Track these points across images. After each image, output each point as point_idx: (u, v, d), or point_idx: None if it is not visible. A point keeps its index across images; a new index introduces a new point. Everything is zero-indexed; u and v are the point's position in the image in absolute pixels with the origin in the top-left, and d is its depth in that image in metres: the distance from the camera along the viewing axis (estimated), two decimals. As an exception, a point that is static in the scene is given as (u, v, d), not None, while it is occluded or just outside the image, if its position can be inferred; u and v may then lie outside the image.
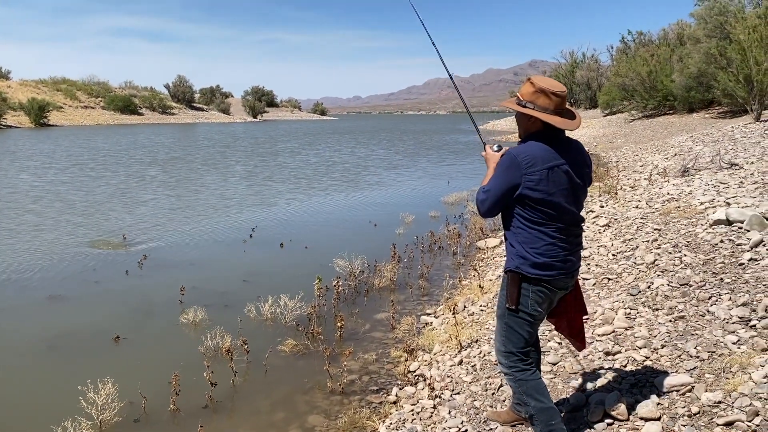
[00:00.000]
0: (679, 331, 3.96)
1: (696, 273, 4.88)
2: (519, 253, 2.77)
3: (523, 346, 2.85)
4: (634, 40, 48.39)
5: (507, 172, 2.71)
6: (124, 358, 5.07)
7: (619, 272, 5.60)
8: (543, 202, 2.68)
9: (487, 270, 6.97)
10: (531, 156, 2.68)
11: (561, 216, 2.73)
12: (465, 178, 17.60)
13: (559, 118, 2.72)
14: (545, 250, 2.73)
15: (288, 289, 6.34)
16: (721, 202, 7.14)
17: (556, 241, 2.74)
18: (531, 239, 2.74)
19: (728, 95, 21.86)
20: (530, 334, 2.87)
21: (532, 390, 2.84)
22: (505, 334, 2.87)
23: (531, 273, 2.74)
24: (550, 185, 2.67)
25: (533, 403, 2.82)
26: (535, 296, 2.78)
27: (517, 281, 2.77)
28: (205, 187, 15.90)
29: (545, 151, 2.70)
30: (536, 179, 2.65)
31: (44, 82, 75.19)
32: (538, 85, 2.74)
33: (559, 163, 2.70)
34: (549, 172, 2.67)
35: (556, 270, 2.76)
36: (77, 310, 6.24)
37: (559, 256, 2.75)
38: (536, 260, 2.73)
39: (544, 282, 2.76)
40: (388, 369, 4.70)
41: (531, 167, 2.66)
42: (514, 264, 2.78)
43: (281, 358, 4.97)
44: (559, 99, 2.72)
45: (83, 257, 8.33)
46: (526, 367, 2.86)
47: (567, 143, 2.81)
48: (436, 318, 5.63)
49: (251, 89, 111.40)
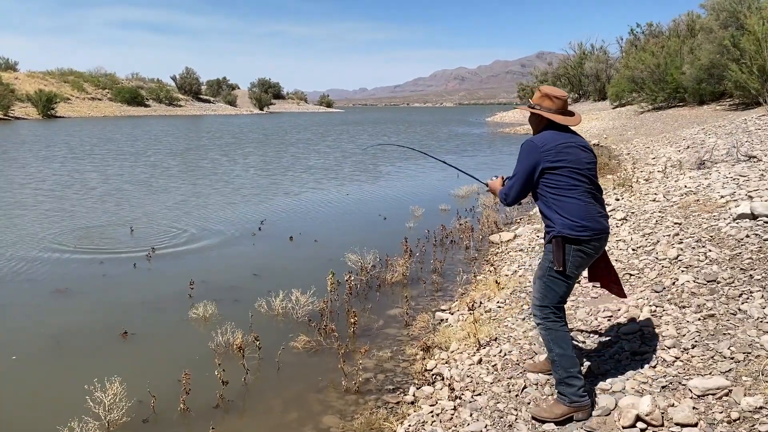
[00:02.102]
0: (710, 330, 3.80)
1: (723, 269, 4.71)
2: (559, 220, 3.20)
3: (557, 302, 3.31)
4: (644, 32, 47.87)
5: (528, 156, 3.27)
6: (132, 354, 4.94)
7: (641, 267, 5.43)
8: (564, 168, 3.19)
9: (503, 265, 6.80)
10: (544, 138, 3.28)
11: (583, 180, 3.22)
12: (475, 171, 17.39)
13: (560, 116, 3.33)
14: (581, 212, 3.18)
15: (299, 283, 6.20)
16: (743, 196, 6.95)
17: (587, 204, 3.22)
18: (566, 206, 3.19)
19: (740, 87, 21.53)
20: (565, 293, 3.32)
21: (559, 339, 3.26)
22: (543, 291, 3.31)
23: (572, 234, 3.17)
24: (566, 155, 3.22)
25: (557, 350, 3.25)
26: (574, 259, 3.22)
27: (561, 244, 3.19)
28: (214, 178, 15.76)
29: (555, 135, 3.29)
30: (553, 152, 3.21)
31: (51, 74, 75.19)
32: (544, 91, 3.41)
33: (569, 141, 3.29)
34: (562, 146, 3.23)
35: (591, 231, 3.20)
36: (84, 305, 6.11)
37: (592, 218, 3.21)
38: (575, 222, 3.17)
39: (583, 242, 3.19)
40: (404, 367, 4.54)
41: (546, 145, 3.23)
42: (557, 230, 3.21)
43: (294, 355, 4.83)
44: (560, 101, 3.36)
45: (91, 249, 8.21)
46: (557, 318, 3.30)
47: (575, 134, 3.40)
48: (452, 314, 5.47)
49: (258, 81, 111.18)
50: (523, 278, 6.00)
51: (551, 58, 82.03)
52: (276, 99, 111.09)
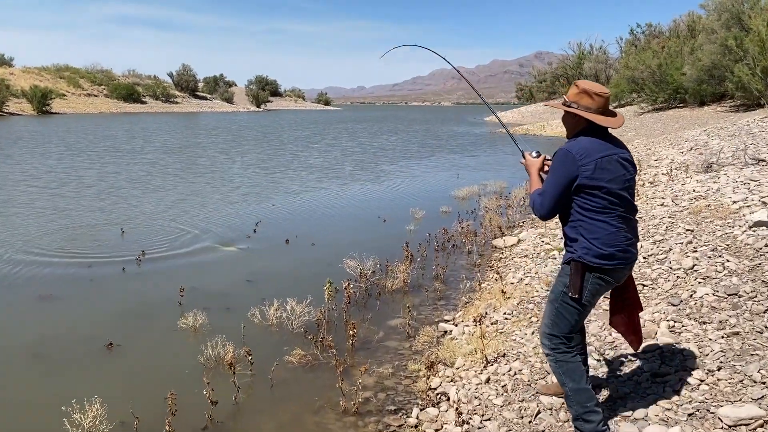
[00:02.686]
0: (735, 350, 3.53)
1: (743, 281, 4.45)
2: (582, 244, 2.86)
3: (568, 331, 2.99)
4: (644, 32, 47.68)
5: (563, 167, 2.85)
6: (116, 368, 4.63)
7: (654, 278, 5.17)
8: (601, 189, 2.80)
9: (507, 272, 6.54)
10: (583, 148, 2.84)
11: (619, 203, 2.85)
12: (475, 171, 17.16)
13: (601, 117, 2.89)
14: (608, 239, 2.83)
15: (294, 290, 5.93)
16: (756, 201, 6.69)
17: (618, 230, 2.85)
18: (593, 229, 2.84)
19: (742, 88, 21.34)
20: (577, 322, 3.00)
21: (571, 371, 2.96)
22: (554, 318, 3.00)
23: (594, 262, 2.83)
24: (605, 173, 2.81)
25: (570, 384, 2.95)
26: (592, 287, 2.89)
27: (581, 271, 2.86)
28: (210, 177, 15.46)
29: (596, 143, 2.86)
30: (592, 168, 2.79)
31: (47, 70, 74.66)
32: (581, 87, 2.95)
33: (611, 153, 2.86)
34: (602, 160, 2.81)
35: (617, 260, 2.85)
36: (68, 313, 5.81)
37: (620, 246, 2.85)
38: (600, 250, 2.82)
39: (605, 272, 2.86)
40: (406, 385, 4.26)
41: (585, 158, 2.80)
42: (577, 254, 2.87)
43: (288, 371, 4.54)
44: (601, 99, 2.91)
45: (79, 252, 7.91)
46: (567, 350, 3.00)
47: (615, 140, 2.97)
48: (456, 326, 5.20)
49: (255, 78, 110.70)
50: (530, 287, 5.73)
51: (550, 58, 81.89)
52: (273, 96, 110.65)
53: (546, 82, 65.40)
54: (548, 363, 3.12)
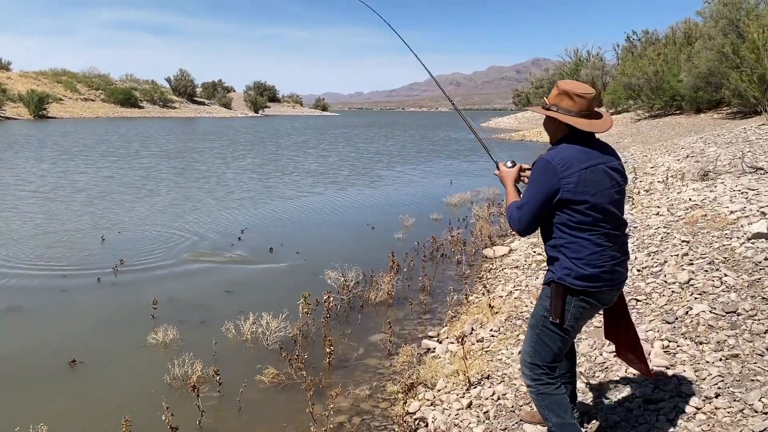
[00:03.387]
0: (735, 374, 3.28)
1: (742, 297, 4.20)
2: (563, 264, 2.60)
3: (551, 360, 2.73)
4: (640, 39, 47.56)
5: (543, 179, 2.57)
6: (75, 389, 4.36)
7: (648, 292, 4.91)
8: (585, 204, 2.53)
9: (496, 284, 6.28)
10: (565, 158, 2.55)
11: (605, 219, 2.57)
12: (468, 177, 16.91)
13: (583, 120, 2.61)
14: (591, 259, 2.56)
15: (274, 302, 5.67)
16: (755, 212, 6.44)
17: (603, 249, 2.58)
18: (575, 248, 2.57)
19: (739, 95, 21.14)
20: (561, 350, 2.73)
21: (555, 405, 2.71)
22: (535, 345, 2.74)
23: (576, 285, 2.57)
24: (590, 185, 2.53)
25: (554, 419, 2.71)
26: (575, 311, 2.62)
27: (561, 294, 2.60)
28: (202, 182, 15.19)
29: (579, 152, 2.57)
30: (575, 180, 2.51)
31: (44, 74, 74.44)
32: (561, 88, 2.67)
33: (596, 162, 2.58)
34: (587, 171, 2.54)
35: (603, 282, 2.59)
36: (35, 326, 5.54)
37: (606, 266, 2.58)
38: (582, 271, 2.56)
39: (589, 295, 2.60)
40: (383, 408, 3.99)
41: (567, 169, 2.52)
42: (558, 275, 2.61)
43: (259, 391, 4.27)
44: (583, 101, 2.61)
45: (54, 260, 7.63)
46: (550, 381, 2.74)
47: (602, 146, 2.68)
48: (440, 343, 4.93)
49: (253, 84, 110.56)
50: (519, 301, 5.47)
51: (547, 65, 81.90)
52: (271, 102, 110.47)
53: (543, 89, 65.23)
54: (530, 395, 2.84)
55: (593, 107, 2.68)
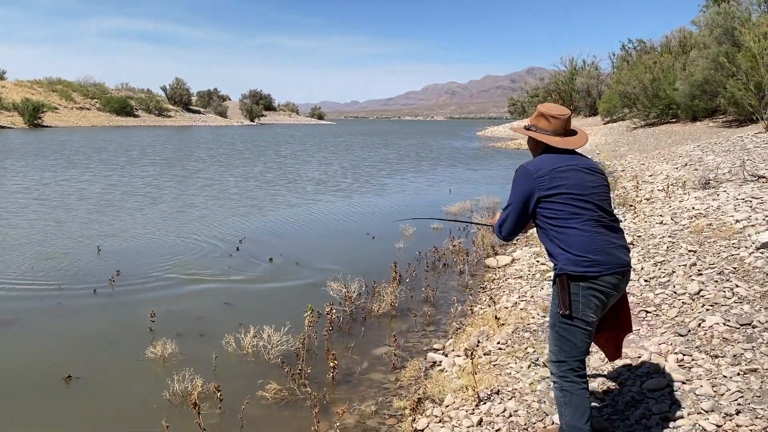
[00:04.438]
0: (754, 390, 3.18)
1: (756, 309, 4.11)
2: (561, 255, 2.75)
3: (576, 355, 2.80)
4: (636, 48, 47.74)
5: (520, 184, 2.85)
6: (70, 405, 4.21)
7: (658, 303, 4.82)
8: (562, 195, 2.75)
9: (501, 295, 6.17)
10: (538, 163, 2.86)
11: (586, 206, 2.76)
12: (467, 186, 16.83)
13: (558, 138, 2.90)
14: (583, 244, 2.71)
15: (275, 314, 5.56)
16: (761, 221, 6.37)
17: (591, 234, 2.73)
18: (567, 238, 2.74)
19: (735, 103, 21.16)
20: (584, 343, 2.79)
21: (575, 405, 2.77)
22: (558, 343, 2.83)
23: (576, 271, 2.70)
24: (564, 179, 2.77)
25: (568, 417, 2.77)
26: (586, 300, 2.72)
27: (565, 283, 2.73)
28: (199, 192, 15.05)
29: (553, 158, 2.86)
30: (548, 178, 2.77)
31: (39, 83, 74.29)
32: (539, 110, 2.97)
33: (569, 164, 2.83)
34: (558, 170, 2.79)
35: (601, 266, 2.70)
36: (29, 340, 5.38)
37: (598, 249, 2.71)
38: (576, 257, 2.70)
39: (592, 280, 2.70)
40: (390, 425, 3.86)
41: (539, 171, 2.80)
42: (559, 267, 2.77)
43: (261, 408, 4.14)
44: (558, 121, 2.91)
45: (49, 272, 7.47)
46: (576, 379, 2.79)
47: (579, 156, 2.93)
48: (446, 356, 4.81)
49: (249, 93, 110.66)
50: (525, 312, 5.36)
51: (542, 74, 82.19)
52: (267, 110, 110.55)
53: (538, 98, 65.37)
54: (553, 391, 2.91)
55: (568, 126, 2.95)
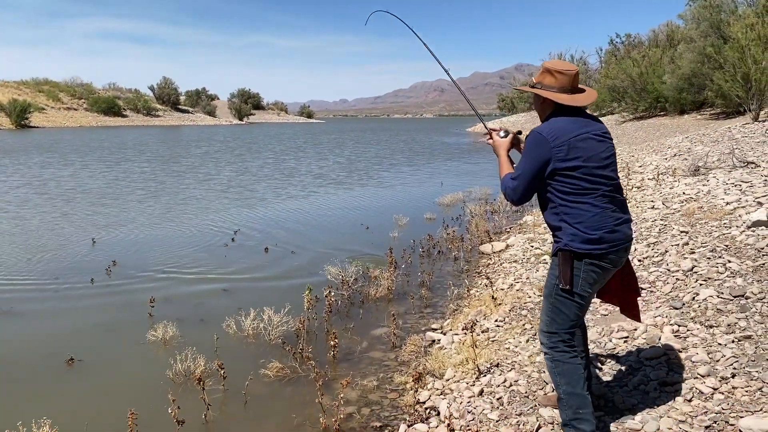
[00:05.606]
0: (749, 354, 3.26)
1: (749, 282, 4.19)
2: (567, 231, 2.66)
3: (567, 327, 2.77)
4: (623, 43, 48.04)
5: (535, 150, 2.68)
6: (75, 386, 4.24)
7: (652, 280, 4.90)
8: (578, 169, 2.62)
9: (497, 278, 6.24)
10: (554, 129, 2.67)
11: (600, 181, 2.65)
12: (459, 179, 16.91)
13: (565, 95, 2.74)
14: (594, 222, 2.62)
15: (273, 299, 5.59)
16: (751, 202, 6.48)
17: (603, 210, 2.64)
18: (575, 213, 2.64)
19: (722, 96, 21.37)
20: (578, 316, 2.78)
21: (568, 373, 2.74)
22: (551, 314, 2.79)
23: (582, 249, 2.62)
24: (580, 151, 2.63)
25: (565, 386, 2.74)
26: (586, 275, 2.67)
27: (569, 260, 2.66)
28: (187, 188, 15.04)
29: (568, 123, 2.69)
30: (565, 149, 2.62)
31: (26, 83, 73.65)
32: (544, 66, 2.83)
33: (585, 131, 2.68)
34: (576, 140, 2.64)
35: (607, 243, 2.64)
36: (29, 327, 5.39)
37: (608, 226, 2.64)
38: (586, 235, 2.62)
39: (596, 257, 2.64)
40: (392, 399, 3.92)
41: (556, 139, 2.63)
42: (563, 242, 2.67)
43: (264, 385, 4.19)
44: (564, 77, 2.75)
45: (46, 264, 7.47)
46: (567, 349, 2.77)
47: (590, 117, 2.79)
48: (444, 335, 4.87)
49: (237, 92, 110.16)
50: (522, 293, 5.44)
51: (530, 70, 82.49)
52: (256, 109, 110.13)
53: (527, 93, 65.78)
54: (545, 362, 2.89)
55: (576, 83, 2.79)
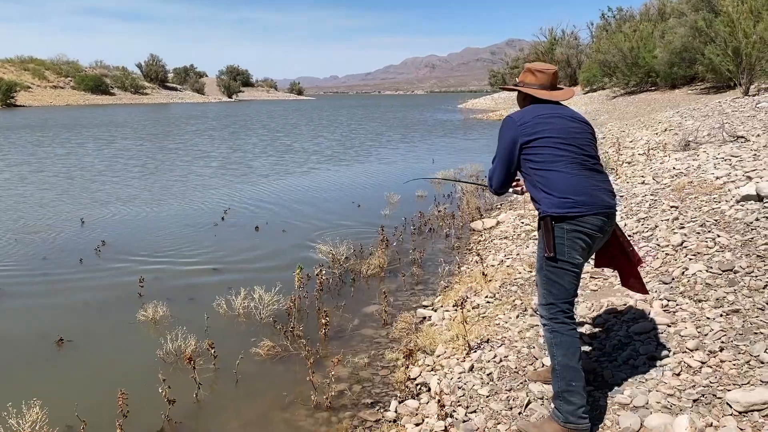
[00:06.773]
0: (737, 328, 3.28)
1: (737, 256, 4.21)
2: (544, 199, 2.76)
3: (565, 297, 2.81)
4: (615, 17, 47.74)
5: (506, 133, 2.90)
6: (65, 367, 4.23)
7: (642, 256, 4.91)
8: (545, 139, 2.79)
9: (487, 254, 6.24)
10: (523, 113, 2.93)
11: (569, 150, 2.78)
12: (450, 156, 16.86)
13: (543, 91, 2.98)
14: (566, 186, 2.73)
15: (263, 278, 5.58)
16: (741, 176, 6.49)
17: (574, 176, 2.75)
18: (549, 181, 2.76)
19: (713, 70, 21.34)
20: (572, 285, 2.81)
21: (565, 345, 2.78)
22: (546, 286, 2.84)
23: (558, 213, 2.71)
24: (546, 125, 2.82)
25: (560, 358, 2.78)
26: (571, 242, 2.73)
27: (549, 226, 2.75)
28: (176, 166, 14.92)
29: (538, 107, 2.93)
30: (531, 125, 2.82)
31: (11, 62, 72.46)
32: (527, 67, 3.10)
33: (554, 112, 2.90)
34: (542, 117, 2.85)
35: (584, 206, 2.71)
36: (17, 309, 5.35)
37: (580, 191, 2.73)
38: (560, 199, 2.72)
39: (573, 220, 2.71)
40: (383, 375, 3.93)
41: (523, 118, 2.87)
42: (543, 210, 2.77)
43: (256, 364, 4.19)
44: (543, 75, 3.00)
45: (33, 245, 7.41)
46: (566, 320, 2.81)
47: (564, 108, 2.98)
48: (435, 311, 4.88)
49: (226, 69, 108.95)
50: (512, 269, 5.44)
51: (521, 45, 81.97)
52: (245, 87, 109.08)
53: (518, 69, 65.26)
54: (543, 334, 2.92)
55: (555, 81, 3.02)
